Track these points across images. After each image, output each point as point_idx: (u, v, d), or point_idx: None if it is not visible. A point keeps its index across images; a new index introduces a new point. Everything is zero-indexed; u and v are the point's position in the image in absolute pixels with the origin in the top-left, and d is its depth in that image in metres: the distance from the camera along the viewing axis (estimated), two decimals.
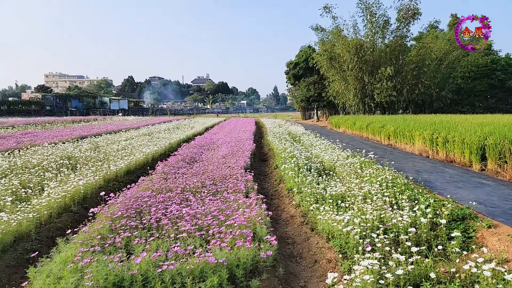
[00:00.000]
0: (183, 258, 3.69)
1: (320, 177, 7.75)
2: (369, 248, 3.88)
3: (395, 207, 5.46)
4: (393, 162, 9.75)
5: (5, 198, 6.18)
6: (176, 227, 4.71)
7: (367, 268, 3.40)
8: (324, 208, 5.61)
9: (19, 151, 12.26)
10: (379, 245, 4.03)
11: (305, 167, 8.84)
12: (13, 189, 6.97)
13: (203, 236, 4.48)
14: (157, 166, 9.16)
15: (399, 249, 4.22)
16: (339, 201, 5.85)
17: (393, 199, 5.89)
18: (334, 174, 8.34)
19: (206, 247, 4.08)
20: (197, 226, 4.71)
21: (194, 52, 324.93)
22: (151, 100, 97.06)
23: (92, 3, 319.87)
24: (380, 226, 4.66)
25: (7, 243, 4.83)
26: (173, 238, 4.37)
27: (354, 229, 4.48)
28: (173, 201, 5.85)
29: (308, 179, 7.35)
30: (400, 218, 4.70)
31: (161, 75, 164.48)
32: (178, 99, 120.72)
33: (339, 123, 27.65)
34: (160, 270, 3.37)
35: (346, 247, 4.45)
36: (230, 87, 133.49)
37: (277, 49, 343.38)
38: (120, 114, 63.86)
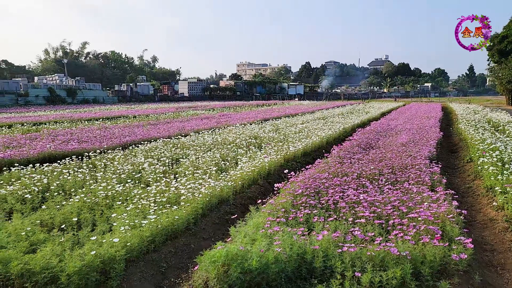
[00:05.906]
0: (362, 244, 3.65)
1: None
2: None
3: None
4: None
5: (210, 167, 7.58)
6: (353, 211, 4.69)
7: None
8: None
9: (219, 130, 14.78)
10: None
11: None
12: (216, 161, 8.44)
13: (382, 225, 4.31)
14: (332, 150, 9.30)
15: None
16: None
17: None
18: None
19: (386, 237, 3.91)
20: (375, 214, 4.56)
21: (372, 34, 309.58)
22: (326, 84, 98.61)
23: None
24: None
25: (213, 205, 5.93)
26: (350, 222, 4.38)
27: None
28: (349, 186, 5.83)
29: None
30: None
31: (337, 59, 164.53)
32: (353, 83, 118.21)
33: None
34: (340, 250, 3.44)
35: None
36: (412, 69, 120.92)
37: None
38: (296, 99, 67.75)
